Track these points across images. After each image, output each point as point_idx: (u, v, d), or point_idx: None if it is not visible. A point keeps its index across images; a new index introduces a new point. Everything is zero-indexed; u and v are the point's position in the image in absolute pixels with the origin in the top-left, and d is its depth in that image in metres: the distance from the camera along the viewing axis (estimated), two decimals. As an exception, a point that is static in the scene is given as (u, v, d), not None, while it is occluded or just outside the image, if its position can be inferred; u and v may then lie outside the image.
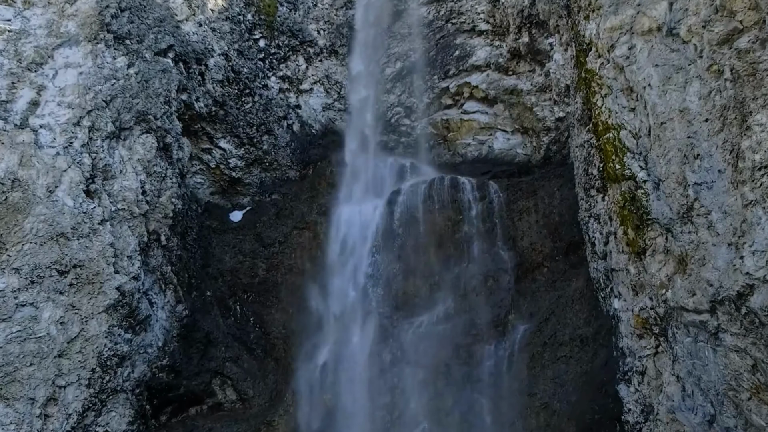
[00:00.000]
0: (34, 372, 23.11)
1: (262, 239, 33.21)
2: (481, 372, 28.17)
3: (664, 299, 19.95)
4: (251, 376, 29.82)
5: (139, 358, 26.29)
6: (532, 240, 30.37)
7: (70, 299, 24.19)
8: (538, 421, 26.03)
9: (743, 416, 17.49)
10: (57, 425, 23.49)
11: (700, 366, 18.58)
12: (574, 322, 26.87)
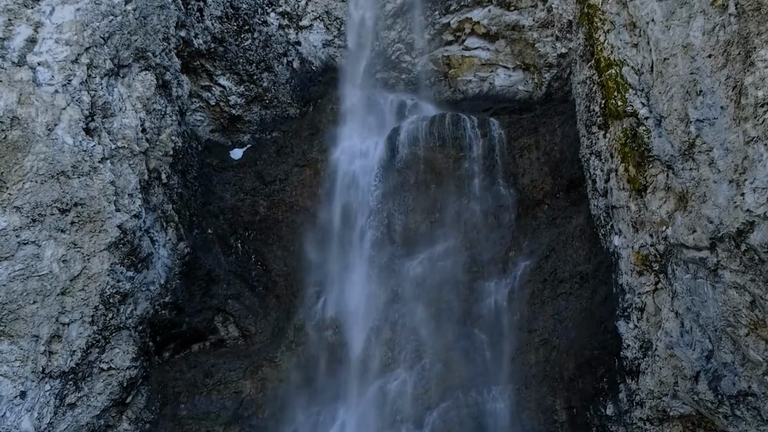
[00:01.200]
0: (38, 309, 23.24)
1: (262, 177, 33.19)
2: (482, 308, 28.35)
3: (664, 236, 20.01)
4: (253, 313, 30.04)
5: (142, 295, 26.45)
6: (533, 177, 30.36)
7: (71, 237, 24.23)
8: (537, 356, 26.27)
9: (741, 352, 17.66)
10: (61, 362, 23.72)
11: (699, 302, 18.70)
12: (574, 259, 26.98)
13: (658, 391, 21.28)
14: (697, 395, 19.51)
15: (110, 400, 25.24)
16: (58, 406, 23.68)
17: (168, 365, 28.32)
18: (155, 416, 26.96)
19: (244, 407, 28.07)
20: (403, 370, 27.84)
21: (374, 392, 27.51)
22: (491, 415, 25.80)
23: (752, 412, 17.98)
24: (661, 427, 21.67)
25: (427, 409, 26.59)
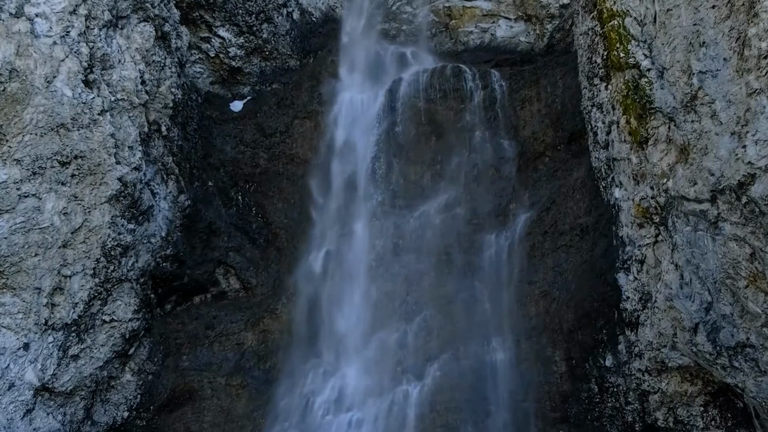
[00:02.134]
0: (40, 262, 23.31)
1: (263, 129, 33.07)
2: (482, 260, 28.41)
3: (665, 188, 19.99)
4: (254, 266, 30.13)
5: (143, 248, 26.52)
6: (534, 129, 30.26)
7: (72, 190, 24.22)
8: (537, 308, 26.38)
9: (740, 304, 17.73)
10: (64, 314, 23.84)
11: (699, 255, 18.73)
12: (574, 211, 26.97)
13: (657, 342, 21.42)
14: (696, 347, 19.63)
15: (113, 352, 25.43)
16: (62, 357, 23.86)
17: (170, 317, 28.48)
18: (158, 367, 27.18)
19: (246, 358, 28.27)
20: (404, 321, 27.97)
21: (375, 344, 27.69)
22: (491, 367, 25.98)
23: (750, 363, 18.10)
24: (660, 378, 21.85)
25: (428, 360, 26.77)
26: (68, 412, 24.30)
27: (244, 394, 27.49)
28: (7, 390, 22.52)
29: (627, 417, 22.93)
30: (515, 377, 25.59)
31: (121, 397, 26.17)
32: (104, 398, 25.71)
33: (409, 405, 25.72)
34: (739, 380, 18.69)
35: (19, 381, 22.82)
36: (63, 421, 24.00)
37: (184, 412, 26.98)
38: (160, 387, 27.00)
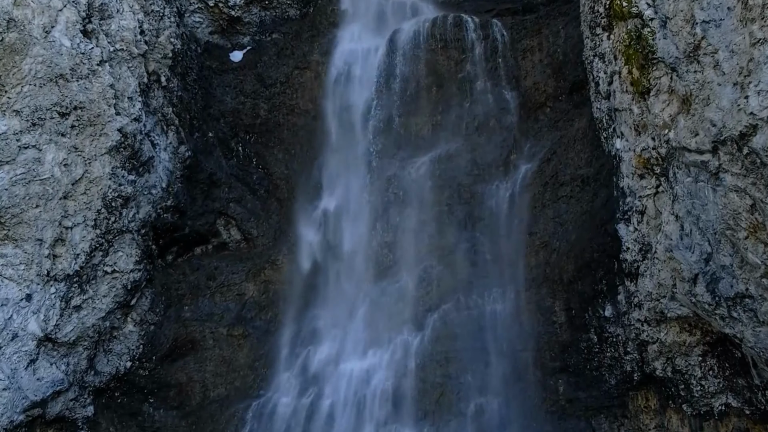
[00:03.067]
0: (41, 213, 23.34)
1: (263, 79, 32.87)
2: (483, 211, 28.42)
3: (666, 139, 19.93)
4: (255, 216, 30.14)
5: (144, 199, 26.52)
6: (536, 79, 30.07)
7: (72, 141, 24.17)
8: (537, 259, 26.45)
9: (739, 255, 17.77)
10: (65, 265, 23.93)
11: (700, 206, 18.73)
12: (575, 162, 26.92)
13: (657, 293, 21.52)
14: (695, 297, 19.72)
15: (115, 303, 25.57)
16: (64, 308, 24.00)
17: (171, 268, 28.57)
18: (159, 318, 27.33)
19: (247, 309, 28.42)
20: (405, 272, 28.05)
21: (376, 294, 27.79)
22: (491, 317, 26.11)
23: (749, 313, 18.20)
24: (659, 328, 21.98)
25: (428, 310, 26.88)
26: (71, 362, 24.50)
27: (246, 344, 27.68)
28: (10, 340, 22.68)
29: (626, 366, 23.11)
30: (515, 327, 25.72)
31: (123, 348, 26.37)
32: (107, 348, 25.91)
33: (410, 355, 25.89)
34: (737, 330, 18.80)
35: (22, 331, 22.97)
36: (66, 371, 24.21)
37: (187, 362, 27.19)
38: (162, 337, 27.18)
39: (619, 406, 23.15)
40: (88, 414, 25.23)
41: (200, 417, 26.26)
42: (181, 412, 26.38)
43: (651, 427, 22.53)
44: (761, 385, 20.30)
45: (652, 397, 22.79)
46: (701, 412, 21.76)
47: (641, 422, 22.72)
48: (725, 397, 21.36)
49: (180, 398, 26.62)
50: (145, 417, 26.10)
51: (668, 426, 22.32)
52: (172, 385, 26.76)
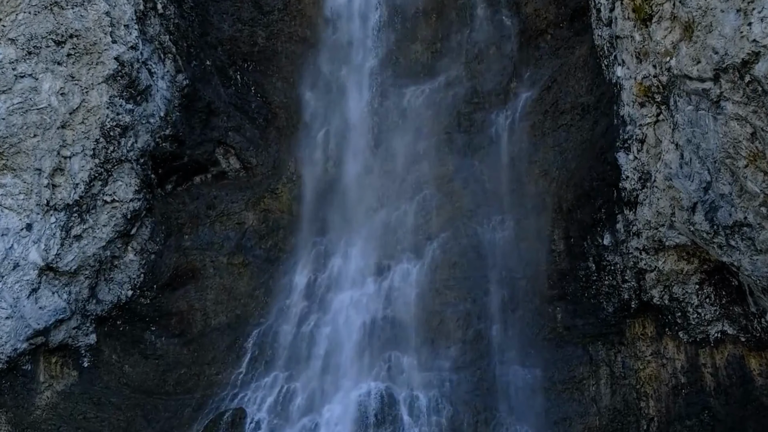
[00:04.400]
0: (39, 143, 23.29)
1: (260, 6, 32.40)
2: (482, 140, 28.34)
3: (667, 67, 19.76)
4: (254, 145, 30.02)
5: (142, 128, 26.40)
6: (536, 6, 29.63)
7: (69, 70, 23.99)
8: (536, 187, 26.44)
9: (738, 183, 17.76)
10: (65, 194, 23.94)
11: (700, 134, 18.66)
12: (576, 90, 26.72)
13: (655, 221, 21.55)
14: (694, 226, 19.76)
15: (115, 232, 25.63)
16: (64, 238, 24.08)
17: (171, 197, 28.57)
18: (160, 247, 27.43)
19: (247, 238, 28.51)
20: (404, 200, 28.07)
21: (375, 223, 27.86)
22: (490, 245, 26.22)
23: (746, 242, 18.26)
24: (657, 256, 22.08)
25: (428, 239, 26.99)
26: (73, 291, 24.67)
27: (246, 272, 27.85)
28: (11, 270, 22.84)
29: (623, 294, 23.27)
30: (514, 255, 25.85)
31: (124, 277, 26.51)
32: (108, 277, 26.06)
33: (409, 283, 26.07)
34: (734, 259, 18.89)
35: (24, 261, 23.11)
36: (68, 300, 24.40)
37: (187, 290, 27.38)
38: (162, 266, 27.31)
39: (616, 333, 23.37)
40: (91, 342, 25.51)
41: (202, 345, 26.55)
42: (182, 340, 26.66)
43: (647, 354, 22.78)
44: (757, 312, 20.49)
45: (649, 324, 23.01)
46: (697, 339, 22.00)
47: (638, 349, 22.96)
48: (721, 325, 21.57)
49: (181, 326, 26.87)
50: (147, 345, 26.39)
51: (664, 353, 22.57)
52: (173, 314, 26.98)
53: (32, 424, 23.63)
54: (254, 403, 24.53)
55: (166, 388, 25.72)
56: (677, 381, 22.18)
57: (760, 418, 20.67)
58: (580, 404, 23.05)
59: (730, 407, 21.25)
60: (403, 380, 24.12)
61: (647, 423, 22.22)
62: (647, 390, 22.50)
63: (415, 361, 24.54)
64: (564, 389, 23.32)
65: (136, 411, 24.89)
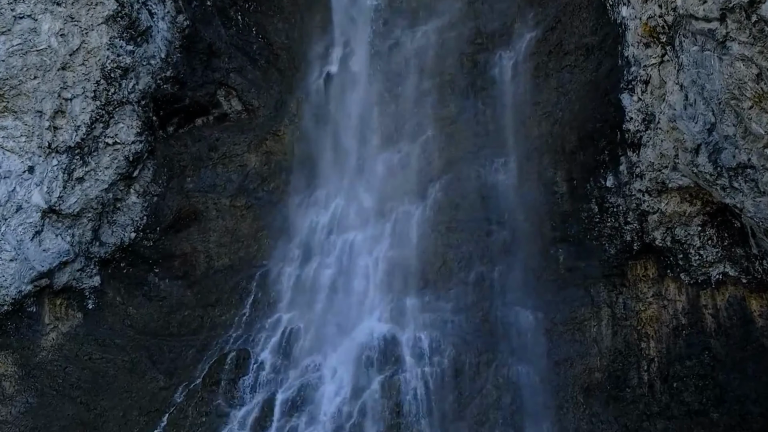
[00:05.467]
0: (39, 85, 23.20)
1: (261, -56, 31.98)
2: (485, 81, 28.16)
3: (673, 7, 19.54)
4: (256, 87, 29.85)
5: (143, 69, 26.25)
6: (541, -56, 29.22)
7: (68, 11, 23.79)
8: (540, 129, 26.33)
9: (743, 125, 17.66)
10: (66, 137, 23.92)
11: (705, 75, 18.51)
12: (580, 30, 26.43)
13: (659, 163, 21.50)
14: (697, 167, 19.71)
15: (117, 174, 25.65)
16: (67, 180, 24.10)
17: (172, 140, 28.50)
18: (162, 189, 27.45)
19: (250, 180, 28.51)
20: (407, 143, 28.00)
21: (378, 165, 27.82)
22: (493, 187, 26.20)
23: (750, 184, 18.21)
24: (660, 198, 22.05)
25: (430, 181, 26.98)
26: (76, 233, 24.76)
27: (249, 214, 27.90)
28: (15, 212, 22.90)
29: (626, 236, 23.30)
30: (516, 197, 25.85)
31: (127, 219, 26.58)
32: (111, 220, 26.13)
33: (411, 225, 26.12)
34: (737, 201, 18.86)
35: (26, 203, 23.16)
36: (72, 242, 24.50)
37: (190, 232, 27.48)
38: (165, 208, 27.38)
39: (618, 275, 23.44)
40: (95, 284, 25.68)
41: (205, 286, 26.71)
42: (186, 282, 26.82)
43: (649, 296, 22.88)
44: (759, 254, 20.53)
45: (650, 266, 23.07)
46: (698, 281, 22.07)
47: (639, 291, 23.06)
48: (723, 267, 21.63)
49: (185, 268, 27.03)
50: (150, 287, 26.56)
51: (666, 294, 22.66)
52: (176, 256, 27.13)
53: (38, 365, 23.89)
54: (258, 344, 24.76)
55: (171, 330, 25.96)
56: (678, 322, 22.31)
57: (759, 358, 20.85)
58: (581, 345, 23.22)
59: (730, 348, 21.42)
60: (406, 322, 24.28)
61: (648, 363, 22.40)
62: (648, 331, 22.65)
63: (417, 303, 24.68)
64: (565, 330, 23.47)
65: (140, 352, 25.15)
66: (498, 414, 22.13)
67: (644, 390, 22.16)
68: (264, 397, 23.14)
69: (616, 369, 22.70)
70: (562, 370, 22.98)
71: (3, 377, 23.30)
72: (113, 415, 23.77)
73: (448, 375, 22.89)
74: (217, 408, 23.00)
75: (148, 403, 24.00)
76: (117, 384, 24.43)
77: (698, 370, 21.65)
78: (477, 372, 22.91)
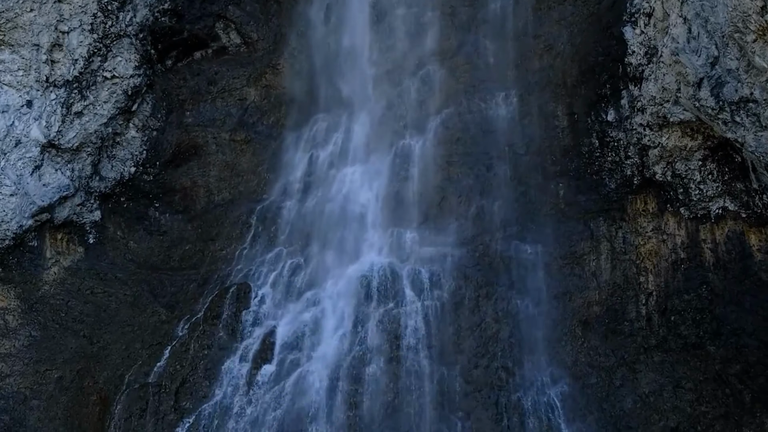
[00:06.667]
0: (36, 18, 22.99)
1: None
2: (487, 14, 27.87)
3: (677, -62, 19.31)
4: (254, 19, 29.51)
5: (140, 2, 26.04)
6: None
7: (63, -59, 23.57)
8: (541, 62, 26.17)
9: (746, 58, 17.59)
10: (64, 70, 23.79)
11: (709, 7, 18.40)
12: (582, -39, 26.13)
13: (660, 97, 21.41)
14: (699, 101, 19.64)
15: (116, 108, 25.55)
16: (65, 114, 24.03)
17: (171, 73, 28.31)
18: (161, 124, 27.38)
19: (249, 114, 28.39)
20: (407, 76, 27.79)
21: (378, 99, 27.64)
22: (494, 121, 26.09)
23: (752, 118, 18.18)
24: (661, 132, 22.01)
25: (430, 114, 26.83)
26: (76, 168, 24.77)
27: (249, 149, 27.85)
28: (14, 147, 22.89)
29: (626, 171, 23.29)
30: (517, 131, 25.77)
31: (127, 153, 26.56)
32: (110, 154, 26.12)
33: (411, 159, 26.04)
34: (739, 135, 18.84)
35: (25, 138, 23.14)
36: (71, 177, 24.51)
37: (190, 167, 27.47)
38: (164, 143, 27.34)
39: (617, 209, 23.48)
40: (96, 218, 25.75)
41: (205, 221, 26.79)
42: (186, 216, 26.89)
43: (648, 230, 22.95)
44: (759, 189, 20.55)
45: (650, 200, 23.10)
46: (698, 215, 22.13)
47: (639, 225, 23.12)
48: (722, 201, 21.67)
49: (185, 203, 27.09)
50: (151, 221, 26.65)
51: (665, 229, 22.73)
52: (176, 190, 27.16)
53: (41, 299, 24.10)
54: (258, 278, 24.87)
55: (172, 264, 26.11)
56: (677, 256, 22.43)
57: (757, 292, 21.02)
58: (580, 279, 23.36)
59: (728, 282, 21.57)
60: (406, 256, 24.37)
61: (646, 297, 22.58)
62: (647, 265, 22.78)
63: (417, 237, 24.73)
64: (564, 264, 23.58)
65: (142, 286, 25.32)
66: (497, 347, 22.34)
67: (642, 323, 22.37)
68: (265, 330, 23.31)
69: (615, 303, 22.87)
70: (561, 304, 23.13)
71: (6, 311, 23.53)
72: (116, 349, 24.03)
73: (447, 308, 23.02)
74: (218, 341, 23.19)
75: (151, 337, 24.24)
76: (119, 318, 24.66)
77: (696, 303, 21.83)
78: (476, 305, 23.05)
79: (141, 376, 23.04)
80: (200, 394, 22.28)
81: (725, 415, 20.49)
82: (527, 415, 21.40)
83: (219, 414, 21.84)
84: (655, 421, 21.05)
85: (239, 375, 22.52)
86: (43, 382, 23.31)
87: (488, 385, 21.85)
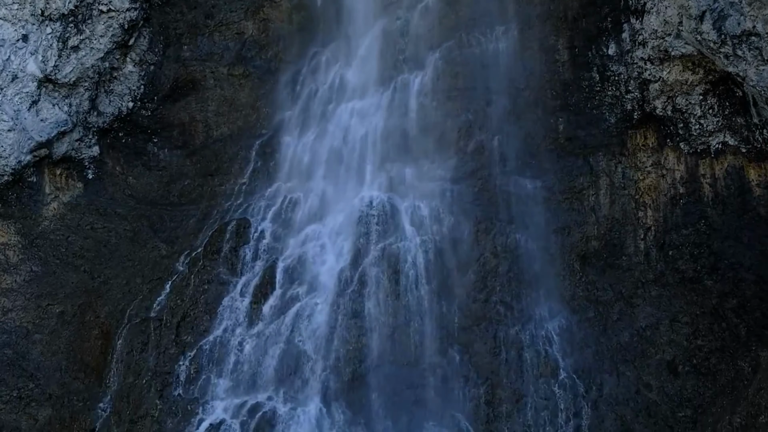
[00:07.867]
0: (29, -51, 22.81)
1: None
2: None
3: None
4: (252, -49, 29.10)
5: (135, -67, 25.73)
6: None
7: None
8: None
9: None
10: (59, 4, 23.64)
11: (712, -61, 18.15)
12: None
13: (662, 31, 21.27)
14: (701, 35, 19.53)
15: (113, 43, 25.34)
16: (62, 48, 23.86)
17: (168, 7, 27.92)
18: (159, 58, 27.17)
19: (247, 48, 28.14)
20: (406, 9, 27.47)
21: (376, 32, 27.35)
22: (494, 55, 25.90)
23: (754, 52, 18.11)
24: (662, 66, 21.91)
25: (430, 49, 26.60)
26: (74, 102, 24.67)
27: (247, 83, 27.68)
28: (10, 82, 22.82)
29: (626, 105, 23.24)
30: (517, 66, 25.59)
31: (124, 88, 26.43)
32: (108, 89, 25.99)
33: (410, 94, 25.91)
34: (740, 69, 18.78)
35: (22, 73, 23.04)
36: (69, 112, 24.44)
37: (188, 102, 27.34)
38: (162, 77, 27.15)
39: (617, 144, 23.48)
40: (94, 154, 25.75)
41: (204, 156, 26.77)
42: (185, 151, 26.87)
43: (648, 165, 22.98)
44: (760, 123, 20.53)
45: (650, 135, 23.08)
46: (698, 150, 22.14)
47: (638, 160, 23.14)
48: (723, 136, 21.66)
49: (183, 138, 27.03)
50: (150, 156, 26.64)
51: (665, 164, 22.76)
52: (175, 125, 27.08)
53: (41, 235, 24.23)
54: (258, 212, 24.96)
55: (171, 199, 26.17)
56: (676, 191, 22.50)
57: (755, 227, 21.16)
58: (579, 214, 23.46)
59: (726, 217, 21.69)
60: (405, 191, 24.40)
61: (644, 232, 22.70)
62: (646, 200, 22.86)
63: (416, 172, 24.75)
64: (564, 199, 23.66)
65: (141, 221, 25.43)
66: (495, 281, 22.54)
67: (640, 258, 22.55)
68: (265, 265, 23.49)
69: (613, 237, 23.02)
70: (560, 238, 23.27)
71: (6, 246, 23.68)
72: (117, 283, 24.24)
73: (447, 243, 23.17)
74: (218, 276, 23.37)
75: (151, 272, 24.42)
76: (119, 253, 24.82)
77: (694, 238, 21.98)
78: (475, 240, 23.19)
79: (142, 311, 23.32)
80: (201, 329, 22.56)
81: (721, 348, 20.79)
82: (525, 349, 21.70)
83: (219, 348, 22.13)
84: (652, 354, 21.35)
85: (239, 309, 22.77)
86: (45, 317, 23.58)
87: (487, 319, 22.11)
